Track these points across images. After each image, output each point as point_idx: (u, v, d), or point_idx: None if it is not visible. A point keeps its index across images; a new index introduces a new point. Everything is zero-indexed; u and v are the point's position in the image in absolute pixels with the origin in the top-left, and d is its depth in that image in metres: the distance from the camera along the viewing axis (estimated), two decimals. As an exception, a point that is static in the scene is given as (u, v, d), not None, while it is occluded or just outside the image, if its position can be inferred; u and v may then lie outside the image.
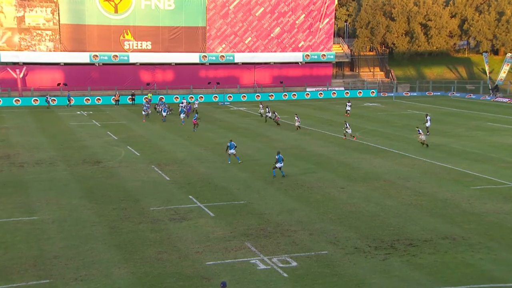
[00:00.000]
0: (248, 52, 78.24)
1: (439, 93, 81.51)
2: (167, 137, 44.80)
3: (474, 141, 42.56)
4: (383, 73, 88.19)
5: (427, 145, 39.66)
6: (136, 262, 19.31)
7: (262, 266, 18.96)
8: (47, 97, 66.06)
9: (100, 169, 33.64)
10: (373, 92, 79.88)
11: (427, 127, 45.91)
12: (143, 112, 54.74)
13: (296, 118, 48.40)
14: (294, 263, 19.21)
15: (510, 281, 17.63)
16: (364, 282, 17.74)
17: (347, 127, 43.50)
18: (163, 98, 63.15)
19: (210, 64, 76.79)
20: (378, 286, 17.43)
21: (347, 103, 59.35)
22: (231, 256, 19.87)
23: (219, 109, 64.29)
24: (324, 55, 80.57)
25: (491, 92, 77.47)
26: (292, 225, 23.17)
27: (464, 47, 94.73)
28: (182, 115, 52.50)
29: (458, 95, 79.41)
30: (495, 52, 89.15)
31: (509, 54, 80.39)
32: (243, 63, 78.10)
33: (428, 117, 46.67)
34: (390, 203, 26.48)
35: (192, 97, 68.41)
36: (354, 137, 43.59)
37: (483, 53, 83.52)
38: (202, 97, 71.54)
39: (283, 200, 26.86)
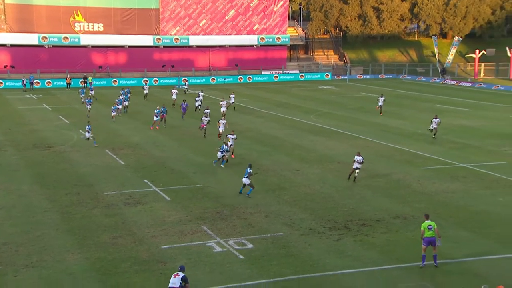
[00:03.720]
0: (203, 34, 77.58)
1: (391, 76, 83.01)
2: (121, 121, 44.10)
3: (425, 123, 43.59)
4: (337, 56, 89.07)
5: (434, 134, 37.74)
6: (90, 248, 19.05)
7: (218, 249, 19.02)
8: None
9: (52, 153, 32.88)
10: (328, 75, 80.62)
11: (380, 107, 47.39)
12: (113, 113, 44.06)
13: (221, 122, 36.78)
14: (250, 245, 19.36)
15: (457, 257, 18.28)
16: (318, 262, 18.05)
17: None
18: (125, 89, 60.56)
19: (164, 47, 75.77)
20: (332, 266, 17.77)
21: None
22: (187, 239, 19.85)
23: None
24: (279, 38, 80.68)
25: (440, 74, 79.41)
26: (248, 208, 23.30)
27: (415, 30, 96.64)
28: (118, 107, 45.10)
29: (409, 77, 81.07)
30: (444, 35, 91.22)
31: (456, 38, 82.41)
32: (198, 46, 77.42)
33: (381, 98, 47.85)
34: (344, 184, 26.93)
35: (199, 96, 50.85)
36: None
37: (433, 37, 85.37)
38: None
39: (239, 183, 26.92)
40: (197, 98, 49.42)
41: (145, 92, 56.71)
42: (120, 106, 46.60)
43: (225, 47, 78.87)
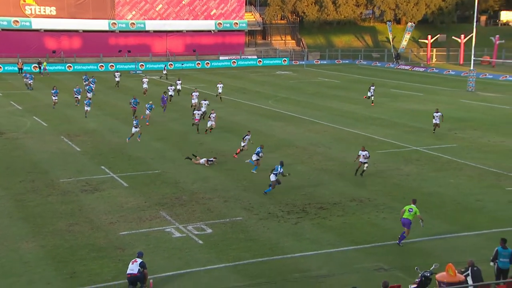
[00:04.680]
0: (160, 19, 76.53)
1: (347, 61, 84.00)
2: (77, 107, 43.24)
3: (380, 107, 44.42)
4: (294, 41, 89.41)
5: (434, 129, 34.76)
6: (46, 235, 18.77)
7: (177, 234, 19.05)
8: None
9: (4, 140, 32.04)
10: (285, 61, 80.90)
11: (370, 97, 44.83)
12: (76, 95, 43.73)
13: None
14: (209, 230, 19.46)
15: (410, 237, 18.57)
16: (277, 246, 18.31)
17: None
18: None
19: (120, 31, 74.40)
20: (290, 249, 18.06)
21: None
22: (146, 225, 19.79)
23: (131, 78, 62.69)
24: (237, 23, 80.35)
25: (394, 60, 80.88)
26: (207, 193, 23.36)
27: (370, 16, 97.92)
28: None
29: (365, 63, 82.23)
30: (398, 21, 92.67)
31: (410, 24, 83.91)
32: (154, 31, 76.33)
33: (372, 87, 45.04)
34: (302, 168, 27.27)
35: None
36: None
37: (387, 22, 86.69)
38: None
39: (198, 168, 26.92)
40: (169, 88, 45.71)
41: (116, 79, 55.20)
42: (80, 96, 43.48)
43: (183, 32, 78.03)
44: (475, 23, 57.58)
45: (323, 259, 17.44)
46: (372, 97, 44.83)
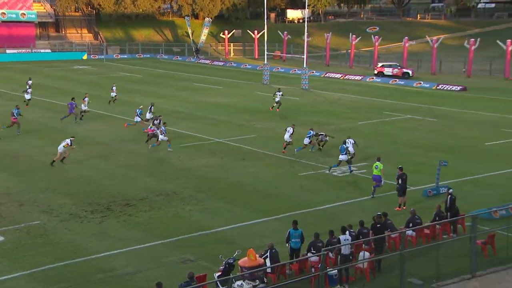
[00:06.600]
0: None
1: (148, 55, 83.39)
2: None
3: (182, 100, 44.94)
4: (91, 34, 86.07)
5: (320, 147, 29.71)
6: None
7: (-36, 247, 17.11)
8: None
9: None
10: (85, 56, 77.60)
11: (278, 102, 39.87)
12: None
13: None
14: (1, 238, 17.87)
15: (215, 227, 19.39)
16: (80, 247, 17.52)
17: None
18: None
19: None
20: (95, 249, 17.39)
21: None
22: None
23: None
24: (24, 14, 74.68)
25: (194, 54, 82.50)
26: (-2, 198, 21.39)
27: (168, 10, 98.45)
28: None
29: (166, 57, 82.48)
30: (196, 16, 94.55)
31: (207, 19, 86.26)
32: None
33: (278, 92, 40.12)
34: (107, 166, 26.44)
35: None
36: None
37: (185, 17, 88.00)
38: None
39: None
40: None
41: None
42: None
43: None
44: (265, 20, 61.30)
45: (130, 256, 17.11)
46: (279, 104, 39.76)
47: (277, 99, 39.87)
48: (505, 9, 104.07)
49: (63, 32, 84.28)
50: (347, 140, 26.09)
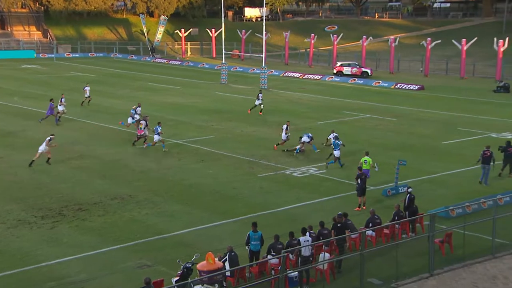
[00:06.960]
0: None
1: (101, 54, 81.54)
2: None
3: (138, 101, 43.90)
4: (40, 32, 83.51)
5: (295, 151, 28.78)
6: None
7: None
8: None
9: None
10: (35, 54, 75.37)
11: (259, 105, 38.90)
12: None
13: None
14: None
15: (172, 230, 18.82)
16: (29, 255, 16.69)
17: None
18: None
19: None
20: (45, 256, 16.59)
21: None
22: None
23: None
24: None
25: (150, 53, 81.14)
26: None
27: (122, 8, 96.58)
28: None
29: (120, 56, 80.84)
30: (151, 14, 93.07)
31: (163, 17, 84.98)
32: None
33: (259, 96, 39.23)
34: (58, 169, 25.46)
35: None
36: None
37: (140, 15, 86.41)
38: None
39: None
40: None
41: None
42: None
43: None
44: (223, 18, 60.65)
45: (83, 262, 16.38)
46: (262, 106, 38.87)
47: (257, 102, 39.25)
48: (459, 8, 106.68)
49: (9, 29, 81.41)
50: (332, 135, 27.49)
